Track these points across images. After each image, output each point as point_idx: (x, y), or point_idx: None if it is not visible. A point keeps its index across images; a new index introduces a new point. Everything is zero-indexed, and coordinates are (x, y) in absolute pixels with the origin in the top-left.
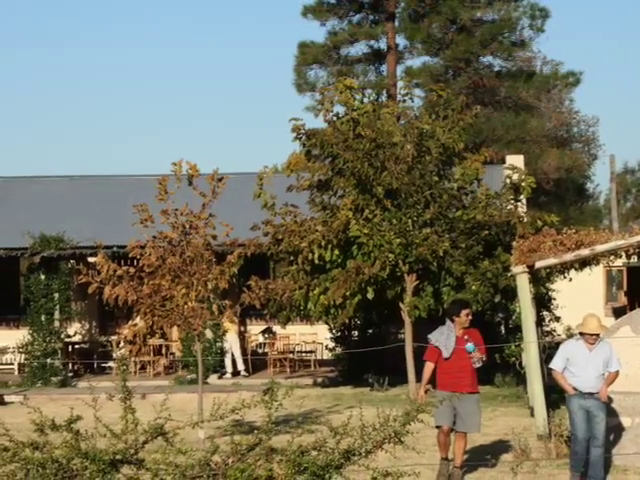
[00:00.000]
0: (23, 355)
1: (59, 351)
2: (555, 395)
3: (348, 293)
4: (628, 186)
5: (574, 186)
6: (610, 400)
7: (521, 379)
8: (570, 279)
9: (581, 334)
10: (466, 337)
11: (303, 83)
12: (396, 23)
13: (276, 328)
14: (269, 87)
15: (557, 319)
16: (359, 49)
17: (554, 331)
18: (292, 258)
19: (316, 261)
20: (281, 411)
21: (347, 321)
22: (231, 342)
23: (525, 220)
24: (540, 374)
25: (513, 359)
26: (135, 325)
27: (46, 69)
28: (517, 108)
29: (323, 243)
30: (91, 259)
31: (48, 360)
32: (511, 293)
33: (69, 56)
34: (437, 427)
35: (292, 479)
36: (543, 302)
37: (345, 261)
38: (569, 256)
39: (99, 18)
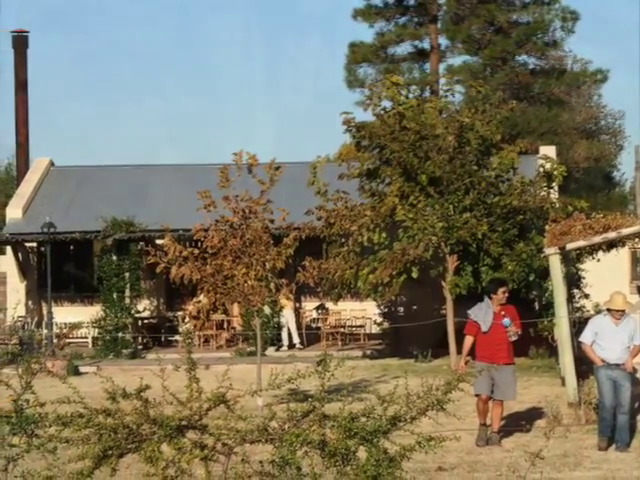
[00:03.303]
0: (97, 329)
1: (129, 326)
2: (584, 366)
3: (394, 272)
4: None
5: (602, 174)
6: (635, 370)
7: (553, 351)
8: (598, 260)
9: (608, 310)
10: (503, 313)
11: (353, 80)
12: (439, 25)
13: (328, 304)
14: (320, 84)
15: (586, 296)
16: (405, 49)
17: (583, 307)
18: (343, 240)
19: (365, 243)
20: (333, 381)
21: (393, 298)
22: (287, 317)
23: (557, 206)
24: (570, 347)
25: (546, 333)
26: (199, 302)
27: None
28: (550, 103)
29: (372, 227)
30: (159, 241)
31: (119, 334)
32: (544, 272)
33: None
34: (476, 395)
35: (343, 443)
36: (573, 281)
37: (392, 243)
38: (597, 239)
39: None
